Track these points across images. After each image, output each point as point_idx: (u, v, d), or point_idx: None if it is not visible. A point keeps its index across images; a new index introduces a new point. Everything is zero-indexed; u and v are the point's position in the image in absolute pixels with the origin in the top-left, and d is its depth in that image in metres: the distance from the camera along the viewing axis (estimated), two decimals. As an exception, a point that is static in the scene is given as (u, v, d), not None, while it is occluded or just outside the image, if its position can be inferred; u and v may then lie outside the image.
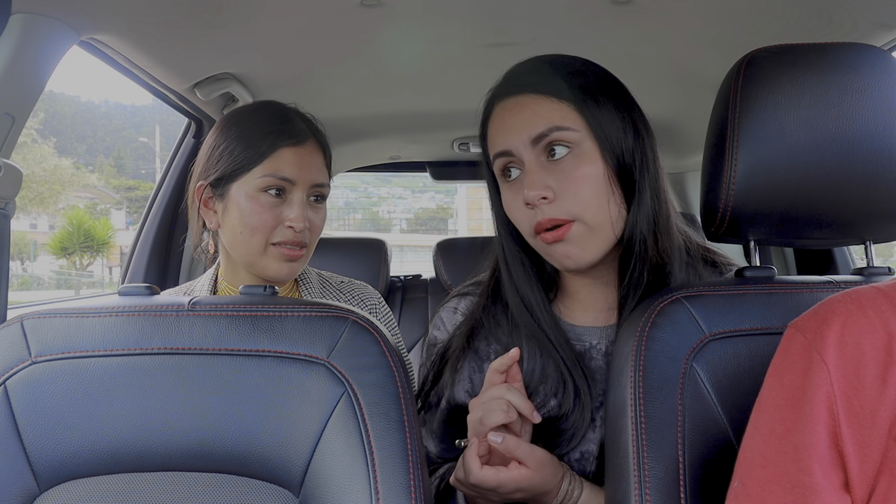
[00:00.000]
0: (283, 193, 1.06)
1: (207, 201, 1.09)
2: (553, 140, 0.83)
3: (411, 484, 0.69)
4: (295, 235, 1.06)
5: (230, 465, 0.73)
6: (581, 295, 0.93)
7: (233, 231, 1.06)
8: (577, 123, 0.83)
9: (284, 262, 1.07)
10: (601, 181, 0.83)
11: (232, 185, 1.06)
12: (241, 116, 1.11)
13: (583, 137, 0.83)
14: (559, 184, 0.83)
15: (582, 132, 0.83)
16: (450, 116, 1.94)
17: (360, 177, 6.55)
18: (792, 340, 0.62)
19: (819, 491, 0.56)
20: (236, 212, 1.05)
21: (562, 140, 0.83)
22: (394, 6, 1.16)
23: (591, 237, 0.84)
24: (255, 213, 1.04)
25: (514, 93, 0.87)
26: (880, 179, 0.76)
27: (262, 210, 1.04)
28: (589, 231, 0.83)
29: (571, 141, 0.83)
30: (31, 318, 0.79)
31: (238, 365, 0.74)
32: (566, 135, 0.83)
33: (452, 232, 29.78)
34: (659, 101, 1.73)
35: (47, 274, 22.54)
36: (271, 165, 1.04)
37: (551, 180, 0.83)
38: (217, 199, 1.08)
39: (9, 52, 0.90)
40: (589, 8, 1.20)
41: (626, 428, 0.75)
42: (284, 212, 1.05)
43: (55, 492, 0.74)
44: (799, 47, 0.78)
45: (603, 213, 0.83)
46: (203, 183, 1.08)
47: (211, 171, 1.07)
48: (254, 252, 1.06)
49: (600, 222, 0.83)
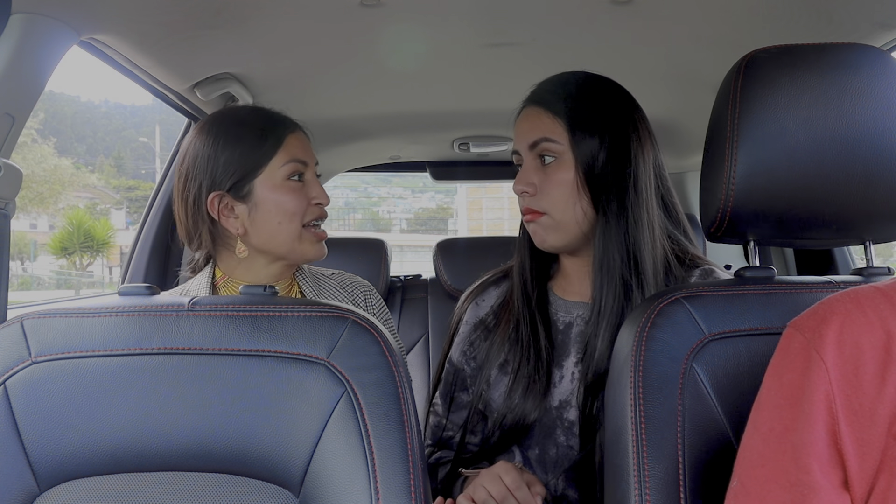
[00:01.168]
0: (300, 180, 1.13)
1: (224, 209, 1.10)
2: (542, 149, 1.02)
3: (411, 484, 0.69)
4: (322, 212, 1.15)
5: (230, 465, 0.73)
6: (572, 276, 1.10)
7: (269, 224, 1.10)
8: (563, 138, 1.01)
9: (318, 243, 1.15)
10: (571, 188, 1.00)
11: (255, 182, 1.09)
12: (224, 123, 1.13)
13: (565, 150, 1.01)
14: (541, 183, 1.02)
15: (564, 145, 1.01)
16: (450, 116, 1.94)
17: (360, 177, 6.54)
18: (791, 340, 0.62)
19: (818, 489, 0.56)
20: (271, 204, 1.10)
21: (548, 150, 1.01)
22: (394, 6, 1.16)
23: (555, 230, 1.03)
24: (290, 199, 1.10)
25: (528, 103, 1.07)
26: (880, 180, 0.76)
27: (295, 194, 1.11)
28: (554, 224, 1.02)
29: (555, 151, 1.01)
30: (31, 318, 0.79)
31: (238, 365, 0.74)
32: (552, 146, 1.01)
33: (452, 232, 29.80)
34: (659, 102, 1.73)
35: (47, 274, 22.55)
36: (288, 152, 1.11)
37: (536, 178, 1.02)
38: (239, 203, 1.10)
39: (9, 52, 0.90)
40: (589, 8, 1.20)
41: (626, 428, 0.75)
42: (308, 192, 1.13)
43: (55, 492, 0.74)
44: (799, 48, 0.78)
45: (568, 213, 1.01)
46: (218, 193, 1.09)
47: (223, 179, 1.09)
48: (293, 237, 1.11)
49: (564, 220, 1.02)
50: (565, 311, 1.08)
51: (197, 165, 1.10)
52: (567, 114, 1.01)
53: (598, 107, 1.02)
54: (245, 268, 1.14)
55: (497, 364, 1.08)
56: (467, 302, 1.18)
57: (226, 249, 1.14)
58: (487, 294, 1.17)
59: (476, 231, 24.92)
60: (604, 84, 1.06)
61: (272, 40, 1.30)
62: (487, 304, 1.16)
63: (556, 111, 1.01)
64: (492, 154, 2.27)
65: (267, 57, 1.38)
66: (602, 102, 1.03)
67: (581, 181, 1.00)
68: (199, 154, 1.10)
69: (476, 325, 1.15)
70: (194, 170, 1.10)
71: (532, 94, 1.07)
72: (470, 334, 1.15)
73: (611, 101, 1.04)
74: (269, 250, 1.12)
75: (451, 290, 2.04)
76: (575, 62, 1.47)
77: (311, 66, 1.47)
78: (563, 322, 1.07)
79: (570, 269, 1.09)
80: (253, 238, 1.11)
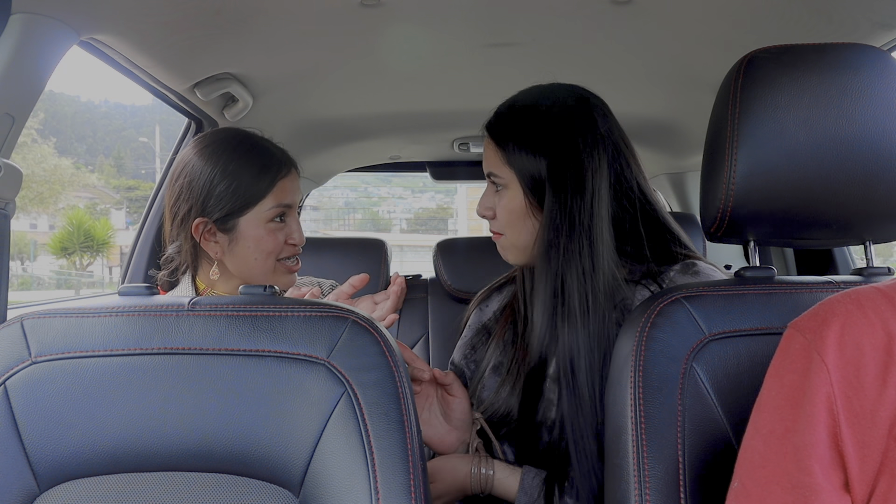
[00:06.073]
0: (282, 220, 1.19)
1: (207, 235, 1.16)
2: (492, 179, 1.06)
3: (411, 484, 0.69)
4: (295, 250, 1.22)
5: (230, 465, 0.73)
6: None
7: (246, 258, 1.17)
8: (505, 171, 1.03)
9: (288, 274, 1.22)
10: (519, 213, 1.04)
11: (240, 219, 1.15)
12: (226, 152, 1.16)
13: (509, 181, 1.03)
14: (496, 206, 1.07)
15: (507, 178, 1.03)
16: (450, 116, 1.94)
17: (360, 177, 6.54)
18: (791, 341, 0.62)
19: (819, 491, 0.56)
20: (251, 241, 1.16)
21: (496, 181, 1.05)
22: (394, 6, 1.16)
23: (512, 249, 1.07)
24: (269, 240, 1.17)
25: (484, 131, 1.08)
26: (880, 180, 0.76)
27: (274, 235, 1.17)
28: (511, 244, 1.07)
29: (501, 183, 1.05)
30: (31, 318, 0.79)
31: (238, 365, 0.74)
32: (498, 179, 1.05)
33: (452, 232, 29.77)
34: (659, 101, 1.73)
35: (47, 274, 22.54)
36: (277, 197, 1.17)
37: (492, 202, 1.07)
38: (222, 233, 1.16)
39: (9, 52, 0.90)
40: (589, 8, 1.20)
41: (626, 428, 0.75)
42: (286, 232, 1.19)
43: (55, 492, 0.74)
44: (799, 48, 0.78)
45: (521, 236, 1.05)
46: (203, 220, 1.14)
47: (213, 210, 1.14)
48: (266, 272, 1.18)
49: (519, 241, 1.05)
50: None
51: (191, 189, 1.15)
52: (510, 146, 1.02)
53: (538, 136, 1.01)
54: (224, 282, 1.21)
55: (491, 367, 1.11)
56: (473, 306, 1.22)
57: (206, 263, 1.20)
58: (491, 299, 1.20)
59: (476, 231, 24.78)
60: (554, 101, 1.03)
61: (272, 40, 1.30)
62: (490, 309, 1.19)
63: (499, 141, 1.04)
64: (492, 154, 2.27)
65: (267, 57, 1.38)
66: (545, 123, 1.01)
67: (531, 204, 1.02)
68: (194, 178, 1.15)
69: (479, 329, 1.18)
70: (187, 192, 1.15)
71: (488, 123, 1.08)
72: (472, 338, 1.18)
73: (556, 121, 1.01)
74: (243, 278, 1.19)
75: (451, 290, 2.04)
76: (575, 62, 1.48)
77: (311, 66, 1.47)
78: None
79: None
80: (229, 264, 1.18)
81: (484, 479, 0.99)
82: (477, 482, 0.99)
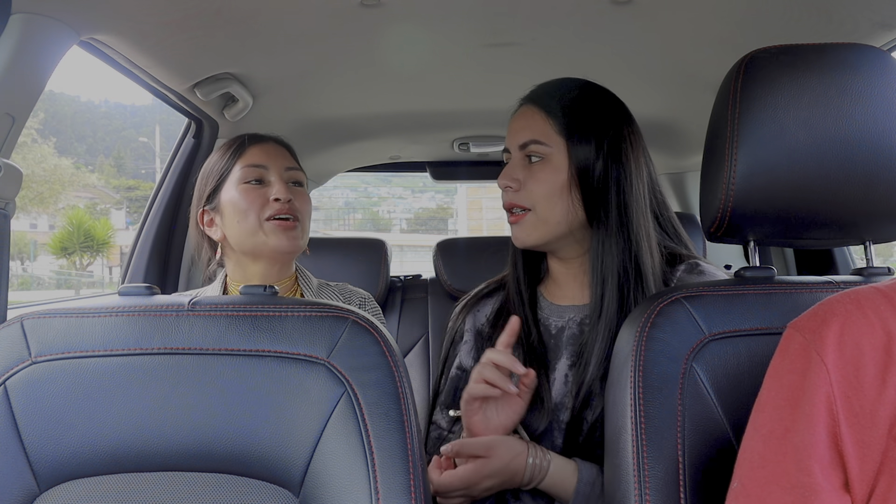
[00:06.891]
0: (262, 183, 1.22)
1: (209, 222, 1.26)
2: (530, 150, 1.03)
3: (411, 484, 0.69)
4: (282, 206, 1.20)
5: (230, 465, 0.73)
6: (561, 280, 1.11)
7: (231, 224, 1.21)
8: (553, 141, 1.02)
9: (281, 232, 1.20)
10: (559, 187, 1.01)
11: (220, 192, 1.24)
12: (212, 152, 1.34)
13: (553, 153, 1.02)
14: (525, 179, 1.03)
15: (553, 148, 1.02)
16: (450, 116, 1.94)
17: (360, 177, 6.55)
18: (791, 341, 0.62)
19: (819, 491, 0.56)
20: (229, 207, 1.21)
21: (536, 152, 1.03)
22: (394, 6, 1.16)
23: (538, 226, 1.03)
24: (243, 198, 1.20)
25: (525, 102, 1.07)
26: (880, 180, 0.76)
27: (248, 194, 1.21)
28: (538, 220, 1.03)
29: (543, 153, 1.02)
30: (31, 318, 0.79)
31: (238, 365, 0.74)
32: (541, 148, 1.02)
33: (452, 232, 29.74)
34: (659, 101, 1.73)
35: (47, 274, 22.54)
36: (245, 159, 1.23)
37: (521, 175, 1.04)
38: (214, 213, 1.25)
39: (9, 52, 0.90)
40: (589, 8, 1.20)
41: (626, 428, 0.75)
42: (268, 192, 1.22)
43: (55, 492, 0.74)
44: (799, 47, 0.78)
45: (555, 210, 1.01)
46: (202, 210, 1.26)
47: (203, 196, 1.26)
48: (252, 230, 1.20)
49: (551, 216, 1.02)
50: (557, 316, 1.09)
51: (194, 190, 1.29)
52: (563, 117, 1.02)
53: (595, 114, 1.03)
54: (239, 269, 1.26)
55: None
56: (463, 313, 1.19)
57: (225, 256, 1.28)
58: (482, 305, 1.19)
59: (476, 231, 24.88)
60: (602, 93, 1.07)
61: (272, 40, 1.30)
62: (483, 314, 1.18)
63: (552, 113, 1.03)
64: (492, 154, 2.28)
65: (267, 57, 1.38)
66: (599, 111, 1.04)
67: (574, 184, 1.01)
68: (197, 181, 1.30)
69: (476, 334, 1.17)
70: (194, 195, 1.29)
71: (531, 94, 1.08)
72: (476, 341, 1.16)
73: (607, 111, 1.04)
74: (242, 249, 1.23)
75: (451, 290, 2.04)
76: (575, 62, 1.48)
77: (311, 66, 1.47)
78: (556, 326, 1.08)
79: (559, 273, 1.11)
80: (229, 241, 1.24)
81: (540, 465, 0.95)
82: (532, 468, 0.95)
